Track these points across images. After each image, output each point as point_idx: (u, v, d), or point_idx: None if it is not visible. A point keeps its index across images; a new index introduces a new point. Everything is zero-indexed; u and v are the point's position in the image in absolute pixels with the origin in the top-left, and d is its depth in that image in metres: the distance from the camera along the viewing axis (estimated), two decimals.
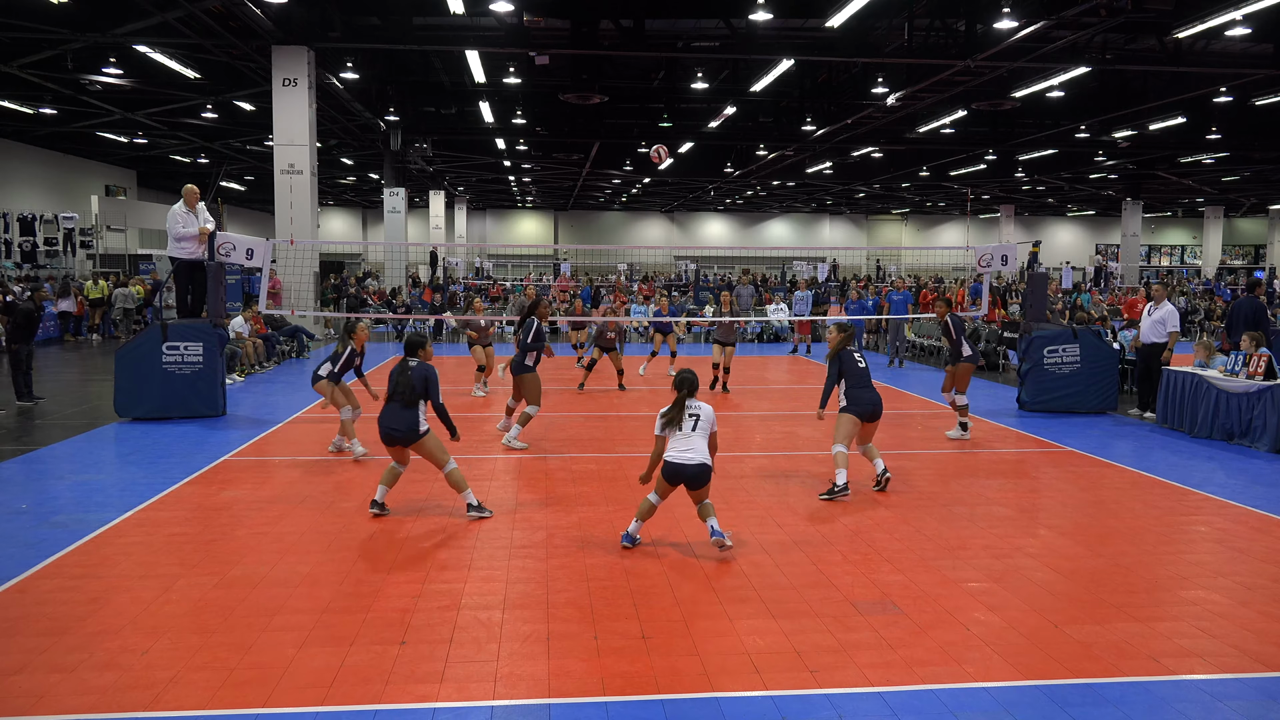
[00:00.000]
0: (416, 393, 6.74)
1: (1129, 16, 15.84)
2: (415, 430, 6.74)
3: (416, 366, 6.85)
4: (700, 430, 6.02)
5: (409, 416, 6.73)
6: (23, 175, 30.10)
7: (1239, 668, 4.45)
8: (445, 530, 6.61)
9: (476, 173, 39.06)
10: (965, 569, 5.84)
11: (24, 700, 4.00)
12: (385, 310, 25.18)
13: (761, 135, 28.92)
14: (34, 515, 6.83)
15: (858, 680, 4.27)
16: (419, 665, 4.39)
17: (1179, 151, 31.17)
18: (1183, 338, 25.58)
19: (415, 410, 6.76)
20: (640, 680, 4.25)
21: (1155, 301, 11.85)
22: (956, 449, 9.86)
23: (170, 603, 5.14)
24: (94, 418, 10.95)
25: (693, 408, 6.07)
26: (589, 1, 17.38)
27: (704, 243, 54.89)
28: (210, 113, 26.30)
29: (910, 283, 31.17)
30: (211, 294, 11.41)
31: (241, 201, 48.19)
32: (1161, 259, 57.63)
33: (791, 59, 19.85)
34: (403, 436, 6.74)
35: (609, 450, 9.50)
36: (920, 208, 55.83)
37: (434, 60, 23.64)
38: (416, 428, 6.75)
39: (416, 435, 6.75)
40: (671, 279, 36.42)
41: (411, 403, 6.74)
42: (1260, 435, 9.79)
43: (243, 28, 17.80)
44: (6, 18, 16.74)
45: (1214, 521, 7.06)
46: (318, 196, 19.98)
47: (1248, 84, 21.66)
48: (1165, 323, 11.62)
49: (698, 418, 6.03)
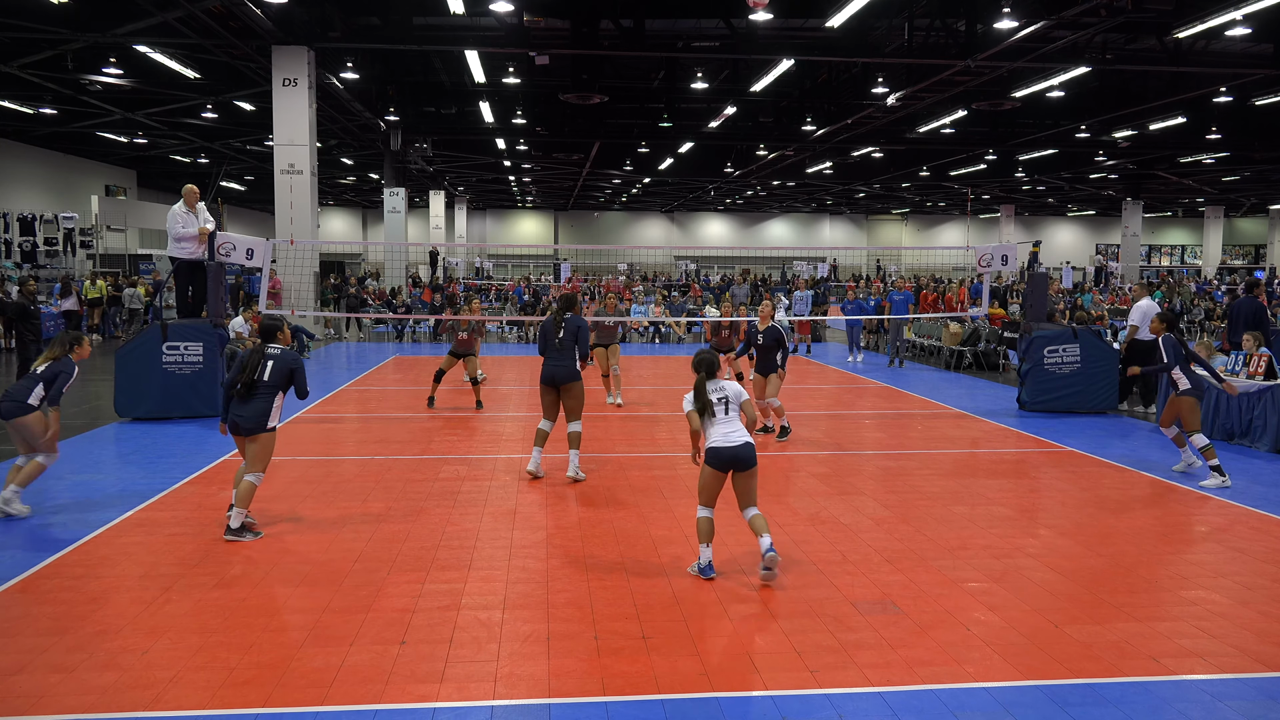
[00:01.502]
0: (277, 382, 6.27)
1: (1129, 16, 15.86)
2: (263, 423, 6.23)
3: (282, 353, 6.39)
4: (733, 411, 5.69)
5: (259, 406, 6.21)
6: (23, 175, 30.11)
7: (1239, 668, 4.45)
8: (445, 530, 6.61)
9: (476, 173, 39.08)
10: (965, 569, 5.84)
11: (24, 700, 4.00)
12: (385, 310, 25.20)
13: (761, 135, 28.93)
14: (34, 515, 6.83)
15: (858, 680, 4.27)
16: (419, 665, 4.39)
17: (1179, 151, 31.18)
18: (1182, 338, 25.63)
19: (268, 401, 6.25)
20: (640, 680, 4.25)
21: (1134, 298, 12.98)
22: (957, 449, 9.86)
23: (170, 603, 5.14)
24: (94, 418, 10.95)
25: (717, 389, 5.71)
26: (589, 1, 17.38)
27: (704, 243, 54.90)
28: (210, 113, 26.31)
29: (910, 283, 31.14)
30: (211, 294, 11.41)
31: (241, 201, 48.21)
32: (1162, 259, 57.64)
33: (791, 59, 19.85)
34: (250, 427, 6.21)
35: (609, 450, 9.50)
36: (920, 208, 55.84)
37: (434, 60, 23.65)
38: (265, 421, 6.24)
39: (263, 428, 6.24)
40: (664, 281, 36.40)
41: (268, 392, 6.23)
42: (1260, 435, 9.80)
43: (243, 28, 17.80)
44: (6, 18, 16.74)
45: (1214, 521, 7.06)
46: (318, 196, 19.99)
47: (1248, 84, 21.67)
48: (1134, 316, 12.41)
49: (726, 399, 5.68)
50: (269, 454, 6.31)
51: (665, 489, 7.87)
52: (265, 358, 6.30)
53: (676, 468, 8.71)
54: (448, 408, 12.13)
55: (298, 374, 6.38)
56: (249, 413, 6.18)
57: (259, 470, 6.26)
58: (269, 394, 6.24)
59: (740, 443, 5.59)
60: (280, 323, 6.54)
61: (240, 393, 6.21)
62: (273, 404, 6.26)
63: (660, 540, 6.40)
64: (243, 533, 6.26)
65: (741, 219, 57.46)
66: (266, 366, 6.27)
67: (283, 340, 6.49)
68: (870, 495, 7.75)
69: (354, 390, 13.99)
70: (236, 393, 6.22)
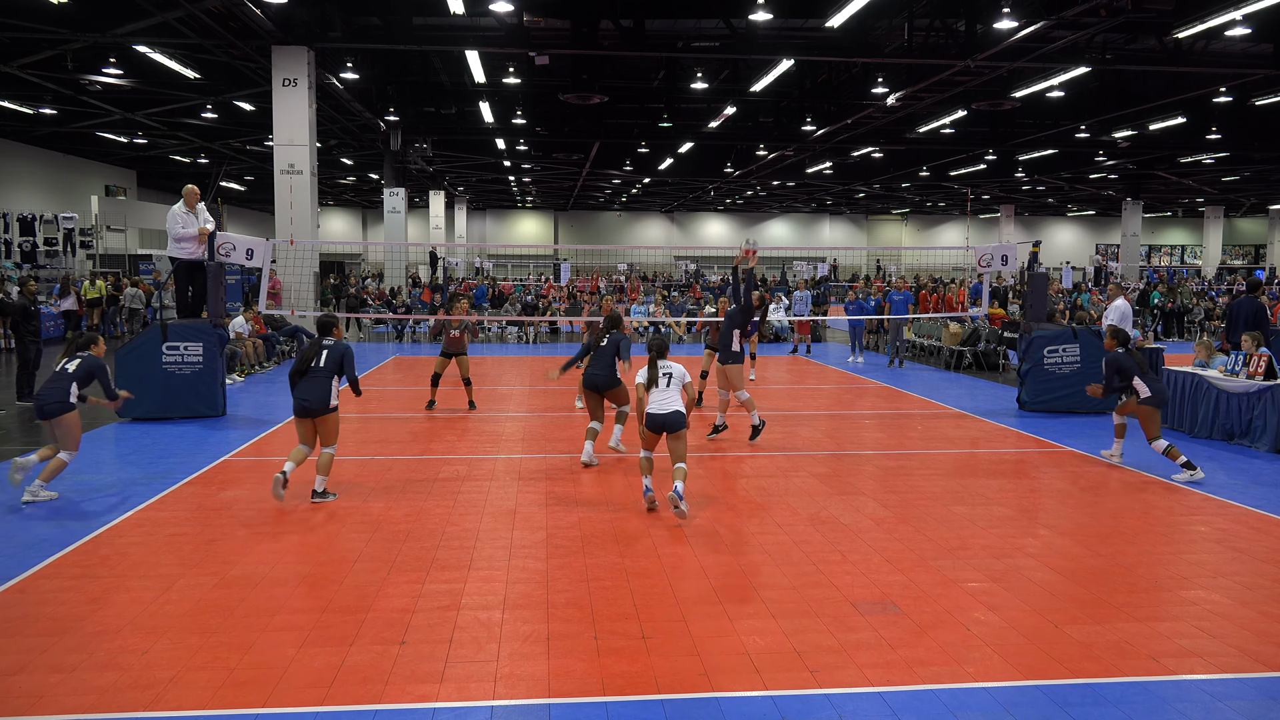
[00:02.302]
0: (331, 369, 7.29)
1: (1129, 16, 15.84)
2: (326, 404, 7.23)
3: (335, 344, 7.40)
4: (674, 386, 7.15)
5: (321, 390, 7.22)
6: (23, 175, 30.11)
7: (1239, 668, 4.45)
8: (445, 530, 6.61)
9: (476, 173, 39.07)
10: (965, 569, 5.84)
11: (24, 700, 4.00)
12: (385, 310, 25.20)
13: (761, 135, 28.92)
14: (34, 515, 6.83)
15: (858, 680, 4.27)
16: (419, 665, 4.39)
17: (1179, 151, 31.18)
18: (1182, 338, 25.63)
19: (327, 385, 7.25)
20: (640, 680, 4.25)
21: (1109, 299, 13.32)
22: (957, 449, 9.86)
23: (170, 603, 5.14)
24: (94, 418, 10.95)
25: (665, 367, 7.18)
26: (589, 1, 17.37)
27: (704, 243, 54.91)
28: (210, 113, 26.30)
29: (909, 284, 31.13)
30: (211, 294, 11.41)
31: (241, 201, 48.20)
32: (1162, 259, 57.65)
33: (791, 59, 19.84)
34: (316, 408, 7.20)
35: (608, 450, 9.49)
36: (920, 208, 55.84)
37: (434, 60, 23.64)
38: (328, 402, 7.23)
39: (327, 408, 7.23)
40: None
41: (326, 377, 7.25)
42: (1260, 435, 9.79)
43: (243, 28, 17.79)
44: (6, 18, 16.73)
45: (1214, 521, 7.06)
46: (318, 196, 19.98)
47: (1248, 84, 21.66)
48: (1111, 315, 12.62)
49: (670, 375, 7.17)
50: (337, 429, 7.43)
51: (665, 489, 7.86)
52: (321, 348, 7.36)
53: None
54: (447, 409, 12.13)
55: (347, 360, 7.37)
56: (314, 396, 7.22)
57: (333, 443, 7.40)
58: (326, 379, 7.26)
59: (669, 411, 7.05)
60: (335, 320, 7.68)
61: (301, 379, 7.24)
62: (331, 387, 7.28)
63: (660, 540, 6.40)
64: (325, 495, 7.39)
65: (741, 219, 57.45)
66: (321, 356, 7.31)
67: (337, 334, 7.59)
68: (870, 495, 7.75)
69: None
70: (299, 380, 7.25)
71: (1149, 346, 14.57)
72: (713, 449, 9.66)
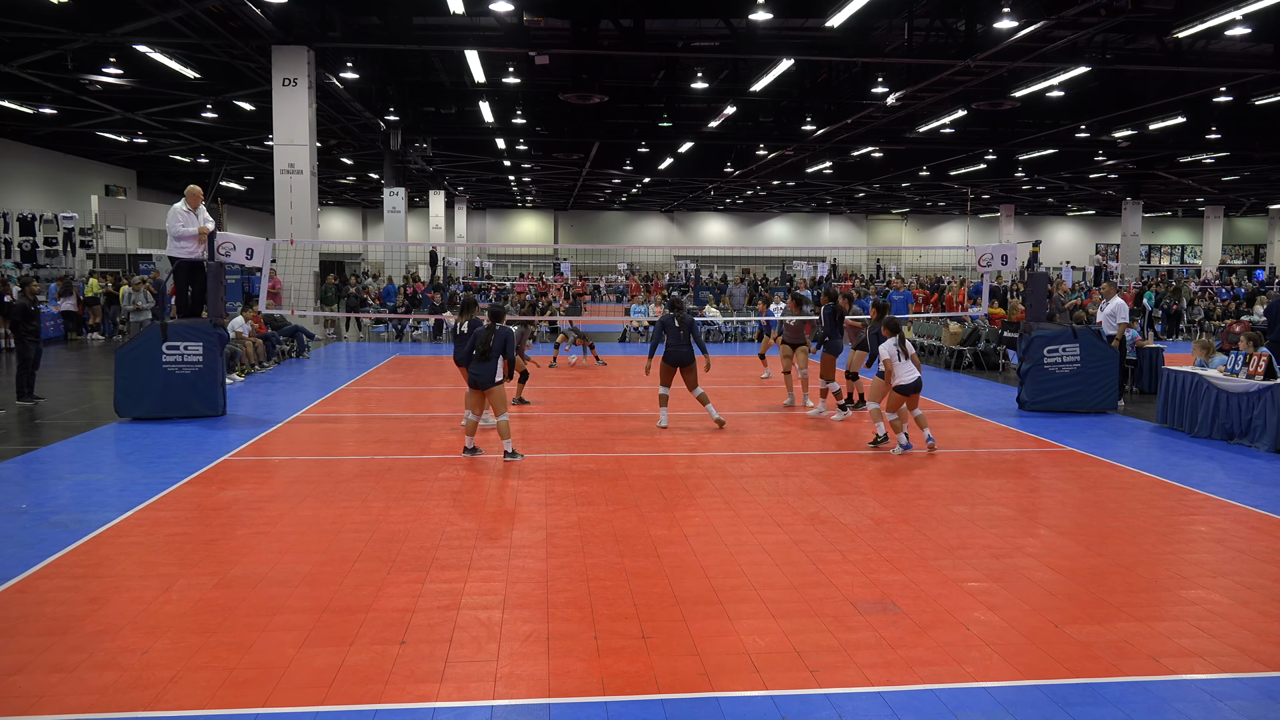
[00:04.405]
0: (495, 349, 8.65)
1: (1129, 16, 15.85)
2: (493, 379, 8.69)
3: (500, 328, 8.71)
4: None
5: (490, 368, 8.65)
6: (23, 175, 30.12)
7: (1239, 668, 4.45)
8: (445, 530, 6.61)
9: (476, 173, 39.09)
10: (965, 569, 5.84)
11: (24, 700, 4.00)
12: (385, 310, 25.20)
13: (761, 135, 28.93)
14: (34, 515, 6.83)
15: (858, 680, 4.27)
16: (419, 665, 4.39)
17: (1179, 151, 31.20)
18: (1181, 338, 25.64)
19: (494, 363, 8.66)
20: (640, 680, 4.25)
21: (1105, 298, 13.32)
22: (957, 449, 9.85)
23: (170, 603, 5.14)
24: (94, 418, 10.95)
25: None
26: (589, 1, 17.38)
27: (704, 242, 54.92)
28: (210, 113, 26.31)
29: (908, 283, 31.12)
30: (211, 294, 11.41)
31: (241, 201, 48.23)
32: (1162, 258, 57.67)
33: (791, 59, 19.86)
34: (484, 383, 8.69)
35: (609, 450, 9.50)
36: (920, 207, 55.86)
37: (434, 60, 23.65)
38: (494, 377, 8.67)
39: (493, 382, 8.70)
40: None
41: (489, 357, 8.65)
42: (1260, 435, 9.79)
43: (243, 28, 17.81)
44: (6, 18, 16.74)
45: (1214, 521, 7.06)
46: (318, 196, 19.99)
47: (1248, 84, 21.68)
48: (1115, 315, 12.88)
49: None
50: (506, 399, 8.90)
51: (665, 489, 7.87)
52: (494, 332, 8.64)
53: (675, 468, 8.72)
54: (447, 410, 12.13)
55: (509, 343, 8.80)
56: (484, 372, 8.68)
57: (505, 410, 8.84)
58: (494, 359, 8.66)
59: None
60: (504, 310, 9.10)
61: (476, 359, 8.65)
62: (497, 366, 8.68)
63: (660, 540, 6.40)
64: (515, 455, 8.85)
65: (741, 219, 57.47)
66: (492, 339, 8.62)
67: (503, 320, 8.91)
68: (870, 495, 7.75)
69: (354, 390, 13.99)
70: (473, 359, 8.68)
71: (1149, 346, 14.59)
72: (711, 448, 9.66)
